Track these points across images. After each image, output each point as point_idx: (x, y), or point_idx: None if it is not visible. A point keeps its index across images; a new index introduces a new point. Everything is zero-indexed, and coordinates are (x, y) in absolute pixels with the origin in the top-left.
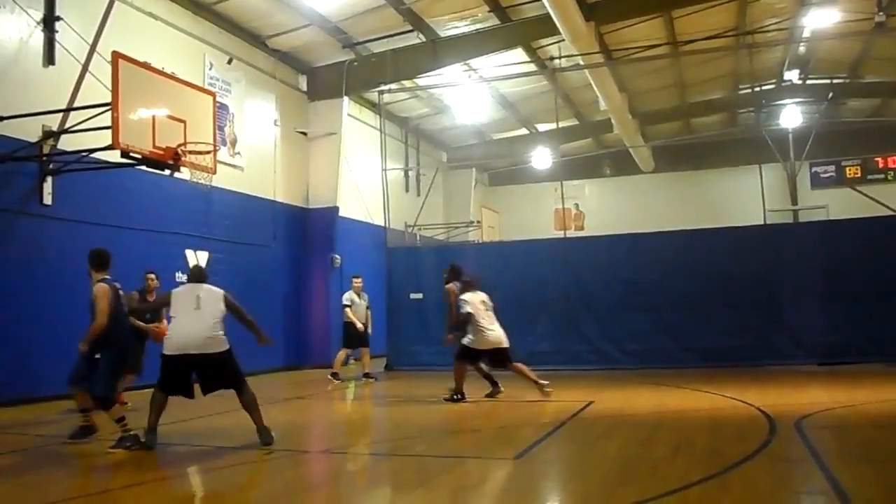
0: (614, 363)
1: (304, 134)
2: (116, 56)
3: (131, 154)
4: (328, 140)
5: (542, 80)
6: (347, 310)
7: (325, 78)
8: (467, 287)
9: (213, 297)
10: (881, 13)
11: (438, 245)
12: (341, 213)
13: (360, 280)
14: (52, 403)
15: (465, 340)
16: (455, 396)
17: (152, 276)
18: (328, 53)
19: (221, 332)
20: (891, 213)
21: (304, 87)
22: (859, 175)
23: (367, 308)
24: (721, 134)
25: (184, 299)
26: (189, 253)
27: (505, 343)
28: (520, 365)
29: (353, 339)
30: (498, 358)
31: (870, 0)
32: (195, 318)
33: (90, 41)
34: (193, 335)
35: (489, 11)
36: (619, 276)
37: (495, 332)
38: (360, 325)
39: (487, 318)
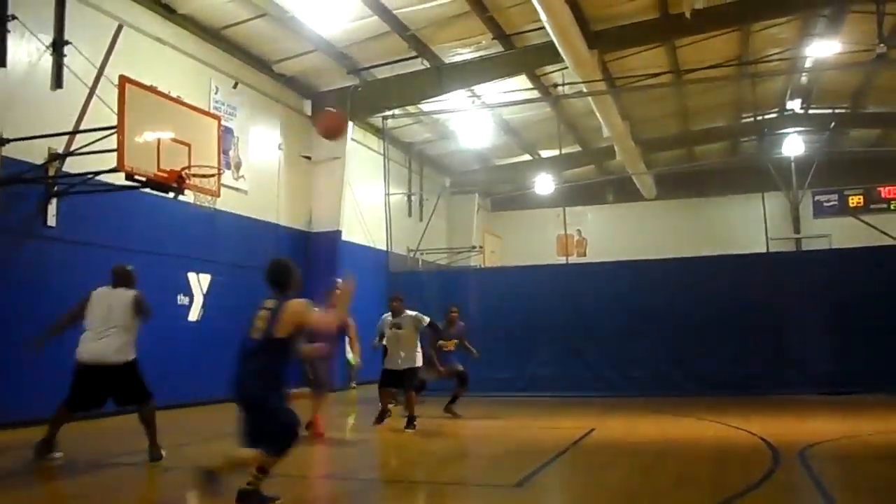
0: (617, 390)
1: (308, 158)
2: (123, 80)
3: (136, 177)
4: (332, 164)
5: (546, 107)
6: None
7: (329, 103)
8: None
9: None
10: (882, 45)
11: (440, 270)
12: (344, 237)
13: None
14: None
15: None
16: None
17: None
18: (333, 79)
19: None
20: (894, 242)
21: (309, 112)
22: (862, 204)
23: None
24: (724, 162)
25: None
26: (192, 276)
27: None
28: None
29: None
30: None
31: (870, 32)
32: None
33: (98, 65)
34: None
35: (493, 39)
36: (621, 302)
37: None
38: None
39: None
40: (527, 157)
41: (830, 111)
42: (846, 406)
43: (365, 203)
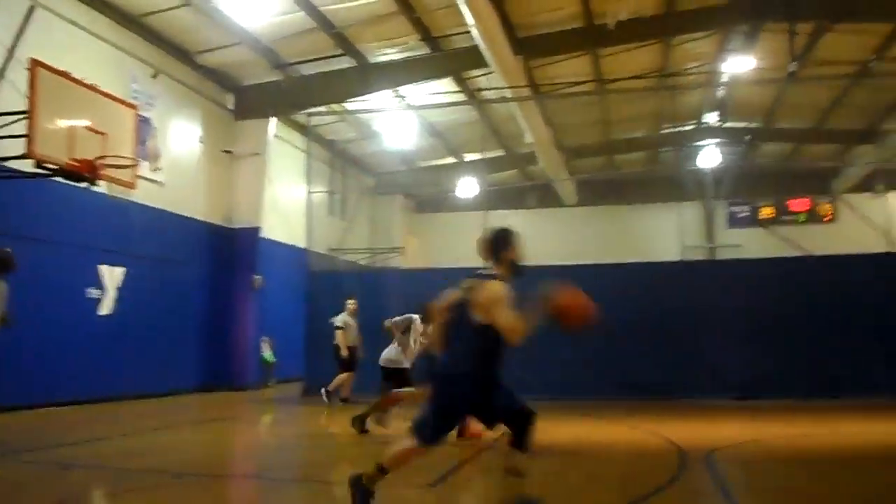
0: (534, 393)
1: (229, 152)
2: (35, 63)
3: (47, 165)
4: (253, 160)
5: (471, 111)
6: (339, 332)
7: (252, 97)
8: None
9: None
10: (793, 62)
11: (361, 270)
12: (264, 234)
13: (354, 302)
14: None
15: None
16: None
17: None
18: (257, 73)
19: None
20: (801, 253)
21: (231, 106)
22: (773, 216)
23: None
24: (643, 171)
25: None
26: (103, 268)
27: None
28: None
29: (345, 362)
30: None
31: (783, 49)
32: None
33: (8, 47)
34: None
35: (420, 40)
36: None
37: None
38: (344, 351)
39: None
40: (451, 159)
41: (745, 125)
42: (755, 410)
43: (286, 200)
